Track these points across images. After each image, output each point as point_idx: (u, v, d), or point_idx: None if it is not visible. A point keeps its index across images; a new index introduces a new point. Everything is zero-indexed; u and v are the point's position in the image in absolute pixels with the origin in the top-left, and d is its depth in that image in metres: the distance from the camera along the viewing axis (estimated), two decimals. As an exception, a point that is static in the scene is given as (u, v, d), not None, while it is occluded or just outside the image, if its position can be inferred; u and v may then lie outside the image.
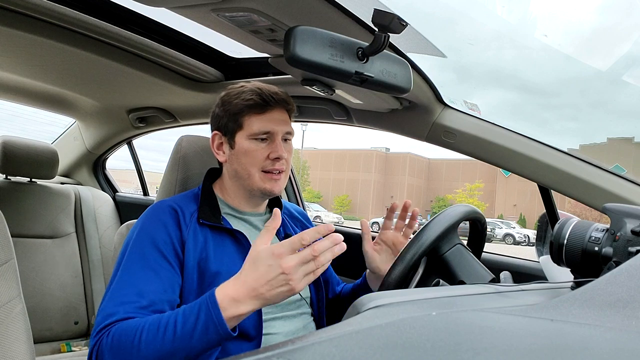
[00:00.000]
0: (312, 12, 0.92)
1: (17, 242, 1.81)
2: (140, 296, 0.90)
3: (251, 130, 1.04)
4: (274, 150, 1.04)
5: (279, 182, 1.06)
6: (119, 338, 0.83)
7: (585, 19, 76.92)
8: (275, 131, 1.05)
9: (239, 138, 1.06)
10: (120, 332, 0.84)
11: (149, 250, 0.96)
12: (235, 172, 1.07)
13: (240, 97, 1.05)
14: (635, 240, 0.68)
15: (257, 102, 1.04)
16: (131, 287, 0.92)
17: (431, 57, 1.26)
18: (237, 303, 0.79)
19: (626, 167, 20.98)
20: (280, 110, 1.07)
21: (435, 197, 44.23)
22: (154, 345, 0.80)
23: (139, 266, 0.94)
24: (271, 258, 0.78)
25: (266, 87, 1.06)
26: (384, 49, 0.82)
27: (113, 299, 0.91)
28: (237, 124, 1.05)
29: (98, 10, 1.24)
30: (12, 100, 2.16)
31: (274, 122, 1.05)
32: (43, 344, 1.96)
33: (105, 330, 0.86)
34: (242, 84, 1.09)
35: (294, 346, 0.32)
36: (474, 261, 1.15)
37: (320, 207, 34.03)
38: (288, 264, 0.77)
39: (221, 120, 1.08)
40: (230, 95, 1.08)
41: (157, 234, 0.99)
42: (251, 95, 1.04)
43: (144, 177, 2.72)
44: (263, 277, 0.78)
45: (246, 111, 1.05)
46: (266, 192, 1.07)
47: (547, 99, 61.27)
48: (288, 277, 0.77)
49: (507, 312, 0.48)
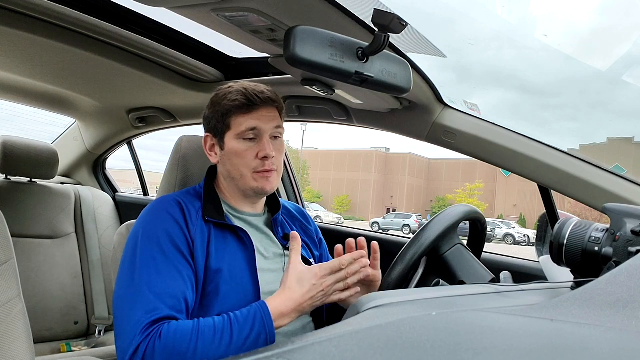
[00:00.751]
0: (312, 12, 0.92)
1: (17, 242, 1.81)
2: (172, 296, 0.91)
3: (238, 129, 1.04)
4: (262, 148, 1.04)
5: (270, 180, 1.06)
6: (173, 341, 0.84)
7: (584, 19, 76.93)
8: (262, 128, 1.04)
9: (228, 139, 1.06)
10: (174, 336, 0.85)
11: (166, 244, 0.96)
12: (228, 172, 1.08)
13: (227, 97, 1.05)
14: (635, 240, 0.68)
15: (242, 102, 1.04)
16: (161, 282, 0.91)
17: (431, 57, 1.26)
18: (284, 316, 0.92)
19: (626, 167, 20.97)
20: (267, 108, 1.06)
21: (435, 197, 44.22)
22: (210, 350, 0.85)
23: (162, 261, 0.94)
24: (315, 278, 0.94)
25: (252, 87, 1.06)
26: (384, 49, 0.82)
27: (146, 295, 0.89)
28: (225, 124, 1.06)
29: (98, 10, 1.24)
30: (12, 100, 2.16)
31: (261, 120, 1.05)
32: (43, 344, 1.95)
33: (154, 328, 0.86)
34: (230, 85, 1.09)
35: (294, 346, 0.32)
36: (474, 261, 1.15)
37: (320, 207, 34.04)
38: (327, 283, 0.94)
39: (211, 121, 1.09)
40: (218, 97, 1.08)
41: (170, 228, 0.98)
42: (237, 95, 1.04)
43: (144, 177, 2.72)
44: (308, 294, 0.93)
45: (233, 111, 1.05)
46: (258, 191, 1.06)
47: (546, 99, 61.31)
48: (325, 293, 0.95)
49: (507, 312, 0.48)
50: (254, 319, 0.89)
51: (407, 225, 27.70)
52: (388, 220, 29.72)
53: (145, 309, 0.88)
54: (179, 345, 0.84)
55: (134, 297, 0.90)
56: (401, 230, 27.13)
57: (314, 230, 1.28)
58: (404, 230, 27.14)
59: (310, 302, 0.94)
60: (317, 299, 0.94)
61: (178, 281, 0.93)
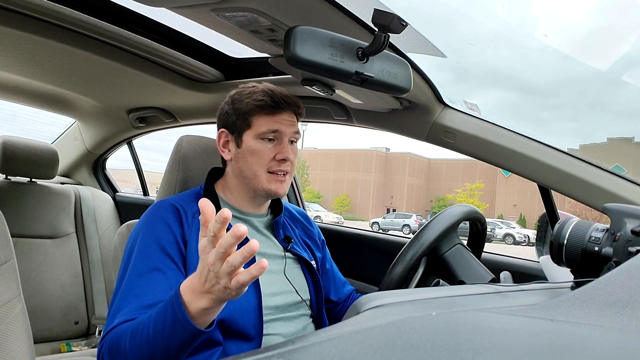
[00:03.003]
0: (312, 12, 0.92)
1: (17, 242, 1.81)
2: (146, 296, 0.90)
3: (260, 129, 1.05)
4: (281, 151, 1.05)
5: (283, 184, 1.07)
6: (113, 342, 0.84)
7: (584, 19, 76.91)
8: (283, 132, 1.06)
9: (246, 137, 1.06)
10: (114, 337, 0.85)
11: (154, 251, 0.96)
12: (241, 171, 1.08)
13: (251, 97, 1.06)
14: (635, 240, 0.68)
15: (268, 103, 1.04)
16: (137, 288, 0.92)
17: (430, 57, 1.26)
18: (196, 297, 0.75)
19: (626, 167, 20.97)
20: (289, 113, 1.07)
21: (435, 197, 44.23)
22: (137, 347, 0.80)
23: (146, 268, 0.94)
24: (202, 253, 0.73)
25: (278, 90, 1.07)
26: (384, 49, 0.82)
27: (119, 302, 0.92)
28: (246, 122, 1.06)
29: (98, 10, 1.24)
30: (12, 100, 2.16)
31: (283, 124, 1.06)
32: (43, 344, 1.95)
33: (108, 334, 0.87)
34: (254, 84, 1.10)
35: (294, 346, 0.32)
36: (474, 261, 1.16)
37: (320, 207, 34.04)
38: (210, 259, 0.71)
39: (229, 118, 1.09)
40: (241, 94, 1.08)
41: (161, 233, 0.99)
42: (263, 96, 1.05)
43: (144, 177, 2.72)
44: (199, 272, 0.74)
45: (256, 111, 1.05)
46: (271, 193, 1.07)
47: (546, 99, 61.33)
48: (215, 274, 0.71)
49: (507, 312, 0.48)
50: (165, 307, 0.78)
51: (407, 225, 27.71)
52: (388, 220, 29.73)
53: (109, 317, 0.90)
54: (116, 346, 0.83)
55: (119, 302, 0.92)
56: (401, 230, 27.14)
57: (316, 232, 1.28)
58: (404, 230, 27.14)
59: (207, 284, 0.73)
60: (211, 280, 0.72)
61: (163, 291, 0.91)
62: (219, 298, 0.74)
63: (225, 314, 0.96)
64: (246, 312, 0.99)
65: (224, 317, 0.96)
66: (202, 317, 0.76)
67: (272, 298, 1.03)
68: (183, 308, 0.75)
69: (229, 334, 0.98)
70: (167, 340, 0.77)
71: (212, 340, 0.96)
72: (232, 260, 0.69)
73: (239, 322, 0.98)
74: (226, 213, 0.68)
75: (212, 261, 0.70)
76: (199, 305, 0.74)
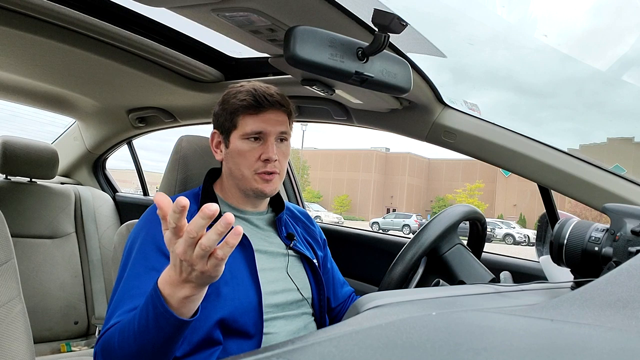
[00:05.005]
0: (312, 12, 0.92)
1: (17, 242, 1.81)
2: (143, 297, 0.90)
3: (244, 130, 1.04)
4: (265, 151, 1.04)
5: (271, 183, 1.06)
6: (106, 342, 0.85)
7: (582, 20, 76.91)
8: (267, 132, 1.04)
9: (233, 138, 1.06)
10: (107, 337, 0.85)
11: (152, 252, 0.97)
12: (230, 171, 1.08)
13: (236, 96, 1.06)
14: (635, 240, 0.68)
15: (250, 102, 1.04)
16: (135, 289, 0.92)
17: (429, 57, 1.26)
18: (175, 288, 0.74)
19: (626, 167, 20.98)
20: (275, 111, 1.06)
21: (435, 197, 44.24)
22: (127, 346, 0.80)
23: (143, 269, 0.95)
24: (170, 245, 0.72)
25: (262, 88, 1.06)
26: (384, 49, 0.82)
27: (116, 303, 0.92)
28: (232, 123, 1.06)
29: (98, 10, 1.24)
30: (12, 100, 2.16)
31: (268, 123, 1.05)
32: (43, 344, 1.95)
33: (103, 334, 0.87)
34: (242, 84, 1.09)
35: (294, 346, 0.32)
36: (474, 261, 1.15)
37: (320, 207, 34.05)
38: (178, 250, 0.69)
39: (219, 118, 1.09)
40: (229, 95, 1.08)
41: (159, 234, 0.98)
42: (246, 95, 1.04)
43: (144, 177, 2.72)
44: (172, 264, 0.73)
45: (241, 111, 1.05)
46: (258, 193, 1.06)
47: (543, 100, 61.36)
48: (189, 263, 0.70)
49: (507, 312, 0.48)
50: (147, 302, 0.78)
51: (407, 225, 27.72)
52: (388, 220, 29.73)
53: (106, 319, 0.90)
54: (108, 347, 0.84)
55: (116, 302, 0.92)
56: (401, 230, 27.15)
57: (317, 232, 1.28)
58: (404, 230, 27.15)
59: (184, 274, 0.72)
60: (185, 269, 0.71)
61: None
62: (198, 284, 0.73)
63: (225, 312, 0.96)
64: (246, 311, 0.99)
65: (224, 316, 0.96)
66: (186, 306, 0.76)
67: (273, 296, 1.03)
68: (163, 301, 0.75)
69: (229, 332, 0.98)
70: (153, 334, 0.77)
71: (212, 340, 0.96)
72: (206, 241, 0.67)
73: (239, 320, 0.98)
74: (183, 202, 0.65)
75: (182, 250, 0.69)
76: (180, 295, 0.74)
